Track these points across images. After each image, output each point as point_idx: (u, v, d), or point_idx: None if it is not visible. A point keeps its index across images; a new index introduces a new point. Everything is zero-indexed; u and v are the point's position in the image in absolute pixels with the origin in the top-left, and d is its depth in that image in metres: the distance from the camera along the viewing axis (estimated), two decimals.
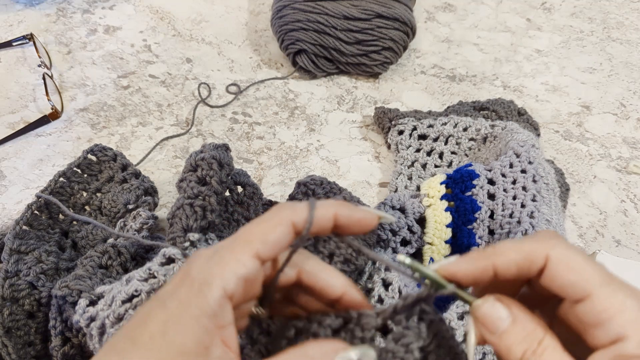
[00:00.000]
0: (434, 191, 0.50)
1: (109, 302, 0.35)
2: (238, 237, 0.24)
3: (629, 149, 0.64)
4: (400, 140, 0.59)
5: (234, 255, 0.24)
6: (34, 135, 0.60)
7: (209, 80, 0.68)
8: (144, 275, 0.36)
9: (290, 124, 0.64)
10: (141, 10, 0.77)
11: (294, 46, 0.66)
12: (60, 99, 0.63)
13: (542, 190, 0.48)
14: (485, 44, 0.77)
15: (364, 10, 0.64)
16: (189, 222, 0.40)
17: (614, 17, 0.83)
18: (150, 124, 0.63)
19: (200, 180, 0.43)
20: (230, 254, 0.24)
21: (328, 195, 0.47)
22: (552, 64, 0.75)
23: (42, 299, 0.42)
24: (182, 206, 0.40)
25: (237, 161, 0.60)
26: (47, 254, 0.44)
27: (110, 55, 0.70)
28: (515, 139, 0.53)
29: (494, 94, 0.70)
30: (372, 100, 0.68)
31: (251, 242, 0.24)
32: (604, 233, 0.56)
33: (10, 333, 0.40)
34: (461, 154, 0.58)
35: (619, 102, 0.70)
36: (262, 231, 0.24)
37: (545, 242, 0.24)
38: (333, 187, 0.48)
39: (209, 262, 0.24)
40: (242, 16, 0.78)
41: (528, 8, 0.84)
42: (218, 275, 0.23)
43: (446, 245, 0.49)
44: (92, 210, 0.51)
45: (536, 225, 0.45)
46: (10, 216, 0.53)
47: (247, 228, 0.25)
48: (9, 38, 0.69)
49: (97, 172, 0.53)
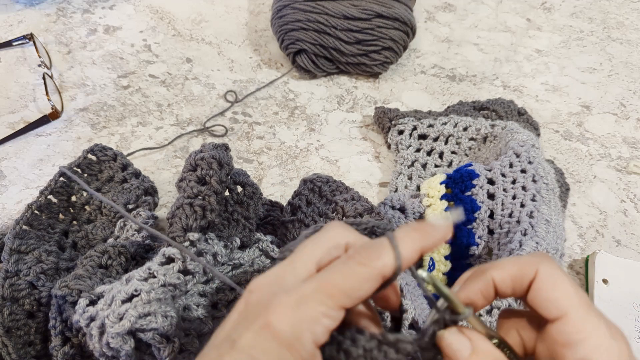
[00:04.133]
0: (434, 191, 0.50)
1: (108, 301, 0.35)
2: (322, 287, 0.24)
3: (629, 149, 0.64)
4: (400, 140, 0.59)
5: (321, 308, 0.23)
6: (34, 135, 0.60)
7: (209, 80, 0.68)
8: (144, 275, 0.36)
9: (290, 123, 0.64)
10: (141, 10, 0.77)
11: (294, 46, 0.66)
12: (60, 98, 0.63)
13: (542, 190, 0.48)
14: (485, 44, 0.77)
15: (364, 10, 0.64)
16: (188, 222, 0.40)
17: (614, 17, 0.83)
18: (150, 124, 0.63)
19: (199, 180, 0.43)
20: (318, 307, 0.23)
21: (334, 193, 0.47)
22: (552, 64, 0.75)
23: (42, 299, 0.42)
24: (182, 206, 0.40)
25: (237, 161, 0.60)
26: (47, 253, 0.44)
27: (110, 55, 0.70)
28: (515, 139, 0.53)
29: (494, 94, 0.70)
30: (372, 100, 0.68)
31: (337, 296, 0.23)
32: (604, 233, 0.56)
33: (10, 333, 0.40)
34: (461, 153, 0.58)
35: (619, 102, 0.70)
36: (351, 285, 0.24)
37: (537, 258, 0.25)
38: (339, 185, 0.48)
39: (295, 314, 0.23)
40: (242, 16, 0.78)
41: (528, 8, 0.84)
42: (310, 331, 0.23)
43: (446, 245, 0.49)
44: (92, 210, 0.51)
45: (535, 225, 0.45)
46: (10, 216, 0.53)
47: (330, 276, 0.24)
48: (9, 38, 0.69)
49: (97, 172, 0.53)
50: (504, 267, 0.25)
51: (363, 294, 0.24)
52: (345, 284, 0.24)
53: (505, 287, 0.25)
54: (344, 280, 0.24)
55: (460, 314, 0.25)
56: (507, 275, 0.25)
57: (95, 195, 0.45)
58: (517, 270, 0.25)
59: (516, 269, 0.25)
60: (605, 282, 0.49)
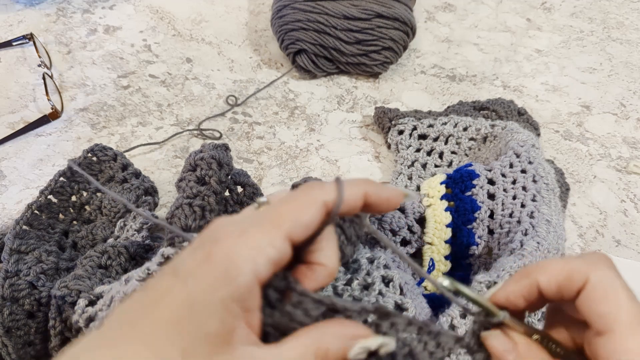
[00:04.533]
0: (434, 191, 0.50)
1: (107, 302, 0.35)
2: (267, 217, 0.23)
3: (629, 149, 0.64)
4: (400, 140, 0.59)
5: (265, 237, 0.22)
6: (34, 135, 0.60)
7: (209, 80, 0.68)
8: (143, 275, 0.36)
9: (290, 123, 0.64)
10: (141, 10, 0.77)
11: (294, 46, 0.66)
12: (60, 98, 0.63)
13: (542, 190, 0.48)
14: (485, 44, 0.77)
15: (364, 10, 0.64)
16: (187, 222, 0.40)
17: (614, 17, 0.83)
18: (150, 124, 0.63)
19: (199, 180, 0.43)
20: (261, 235, 0.22)
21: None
22: (552, 64, 0.75)
23: (42, 299, 0.42)
24: (181, 206, 0.40)
25: (237, 161, 0.60)
26: (47, 253, 0.44)
27: (110, 55, 0.70)
28: (515, 139, 0.53)
29: (494, 94, 0.70)
30: (372, 100, 0.68)
31: (282, 223, 0.23)
32: (604, 233, 0.56)
33: (10, 333, 0.40)
34: (461, 153, 0.58)
35: (619, 102, 0.70)
36: (294, 211, 0.23)
37: (590, 263, 0.23)
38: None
39: (237, 242, 0.22)
40: (242, 16, 0.78)
41: (528, 8, 0.84)
42: (250, 260, 0.21)
43: (446, 245, 0.49)
44: (92, 210, 0.51)
45: (536, 225, 0.45)
46: (10, 216, 0.53)
47: (275, 207, 0.24)
48: (9, 38, 0.69)
49: (97, 172, 0.53)
50: (551, 270, 0.24)
51: (307, 221, 0.23)
52: (289, 210, 0.23)
53: (550, 291, 0.24)
54: (287, 208, 0.23)
55: (495, 317, 0.24)
56: (554, 280, 0.24)
57: (102, 189, 0.44)
58: (565, 276, 0.23)
59: (564, 275, 0.23)
60: None
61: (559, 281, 0.24)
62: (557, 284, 0.24)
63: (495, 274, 0.40)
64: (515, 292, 0.25)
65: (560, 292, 0.24)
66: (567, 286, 0.23)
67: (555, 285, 0.24)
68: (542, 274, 0.24)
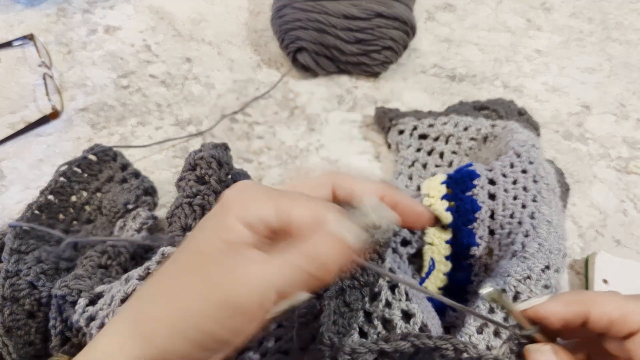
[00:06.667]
0: (435, 191, 0.50)
1: (108, 301, 0.35)
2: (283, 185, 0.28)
3: (629, 149, 0.64)
4: (400, 139, 0.59)
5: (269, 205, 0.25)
6: (34, 135, 0.60)
7: (209, 80, 0.68)
8: (143, 274, 0.36)
9: (290, 123, 0.64)
10: (141, 10, 0.77)
11: (294, 45, 0.66)
12: (60, 99, 0.63)
13: (543, 191, 0.47)
14: (485, 44, 0.77)
15: (364, 10, 0.64)
16: (187, 221, 0.40)
17: (614, 17, 0.83)
18: (150, 124, 0.63)
19: (199, 179, 0.43)
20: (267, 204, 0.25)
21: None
22: (552, 64, 0.75)
23: (42, 299, 0.42)
24: (181, 205, 0.40)
25: (237, 161, 0.60)
26: (47, 253, 0.44)
27: (110, 55, 0.70)
28: (516, 139, 0.53)
29: (494, 94, 0.70)
30: (372, 100, 0.68)
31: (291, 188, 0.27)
32: (604, 233, 0.56)
33: (10, 333, 0.40)
34: (462, 153, 0.58)
35: (619, 102, 0.70)
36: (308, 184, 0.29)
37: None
38: None
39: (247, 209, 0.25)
40: (242, 16, 0.78)
41: (528, 8, 0.84)
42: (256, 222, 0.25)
43: (446, 245, 0.49)
44: (92, 210, 0.51)
45: (537, 226, 0.44)
46: (10, 216, 0.53)
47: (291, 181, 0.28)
48: (10, 38, 0.69)
49: (97, 171, 0.53)
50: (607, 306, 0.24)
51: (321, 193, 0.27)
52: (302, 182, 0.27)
53: (598, 325, 0.24)
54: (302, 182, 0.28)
55: (528, 330, 0.25)
56: (607, 317, 0.23)
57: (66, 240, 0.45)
58: (620, 315, 0.23)
59: (619, 314, 0.23)
60: (606, 282, 0.49)
61: (612, 319, 0.23)
62: (609, 320, 0.23)
63: (501, 281, 0.40)
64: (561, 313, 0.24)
65: (609, 328, 0.24)
66: (619, 325, 0.23)
67: (607, 322, 0.23)
68: (597, 307, 0.24)
